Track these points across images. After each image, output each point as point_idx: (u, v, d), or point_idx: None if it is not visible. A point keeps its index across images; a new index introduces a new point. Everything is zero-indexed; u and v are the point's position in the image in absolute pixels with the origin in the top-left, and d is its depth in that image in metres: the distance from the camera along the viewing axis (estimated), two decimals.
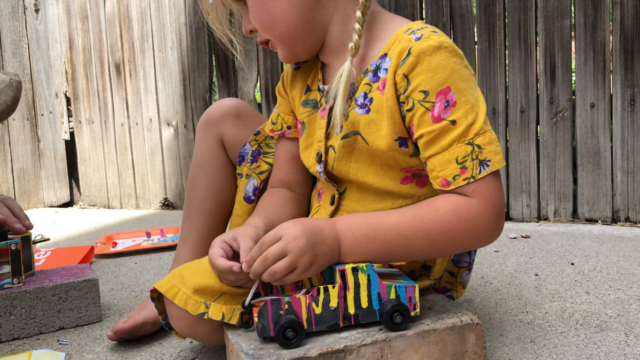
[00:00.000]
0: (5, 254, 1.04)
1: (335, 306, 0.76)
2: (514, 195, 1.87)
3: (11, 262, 1.05)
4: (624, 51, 1.68)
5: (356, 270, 0.76)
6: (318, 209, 0.96)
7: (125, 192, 2.71)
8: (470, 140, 0.76)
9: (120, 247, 1.79)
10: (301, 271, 0.74)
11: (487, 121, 0.78)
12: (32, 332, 1.07)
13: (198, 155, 1.11)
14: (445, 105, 0.77)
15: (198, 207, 1.10)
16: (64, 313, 1.10)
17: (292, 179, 1.00)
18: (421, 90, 0.77)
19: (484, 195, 0.76)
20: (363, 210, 0.88)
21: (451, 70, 0.77)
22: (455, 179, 0.77)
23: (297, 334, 0.73)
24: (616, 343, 0.89)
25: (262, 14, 0.86)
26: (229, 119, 1.08)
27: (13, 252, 1.05)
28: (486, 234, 0.78)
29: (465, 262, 0.94)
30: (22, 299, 1.06)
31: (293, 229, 0.75)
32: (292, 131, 1.00)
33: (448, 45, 0.78)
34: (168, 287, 0.81)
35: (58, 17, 2.77)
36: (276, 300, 0.74)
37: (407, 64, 0.78)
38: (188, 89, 2.46)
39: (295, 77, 0.99)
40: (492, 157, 0.77)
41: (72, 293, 1.10)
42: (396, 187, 0.86)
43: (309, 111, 0.94)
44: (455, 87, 0.77)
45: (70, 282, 1.10)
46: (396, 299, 0.76)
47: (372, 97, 0.83)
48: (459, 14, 1.89)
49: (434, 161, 0.78)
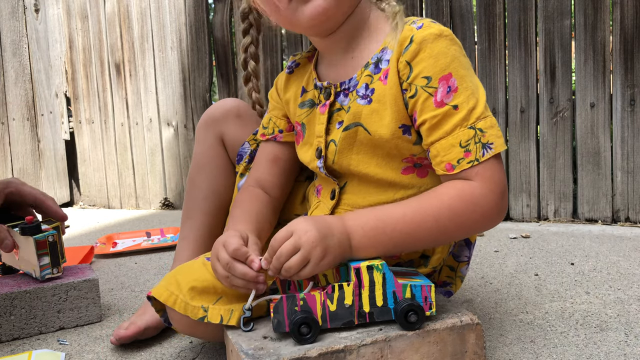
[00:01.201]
0: (44, 245, 1.06)
1: (350, 304, 0.76)
2: (514, 195, 1.87)
3: (50, 254, 1.08)
4: (624, 51, 1.68)
5: (371, 268, 0.76)
6: (317, 204, 0.95)
7: (125, 192, 2.71)
8: (472, 125, 0.78)
9: (120, 247, 1.79)
10: (314, 264, 0.74)
11: (487, 107, 0.80)
12: (32, 332, 1.07)
13: (198, 154, 1.11)
14: (447, 90, 0.78)
15: (199, 206, 1.10)
16: (64, 313, 1.10)
17: (268, 181, 1.00)
18: (424, 77, 0.79)
19: (487, 177, 0.78)
20: (364, 203, 0.88)
21: (452, 57, 0.79)
22: (459, 162, 0.78)
23: (311, 330, 0.73)
24: (616, 343, 0.89)
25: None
26: (229, 119, 1.09)
27: (51, 243, 1.07)
28: (492, 214, 0.79)
29: (465, 256, 0.95)
30: (22, 299, 1.06)
31: (303, 224, 0.75)
32: (284, 135, 1.00)
33: (448, 33, 0.80)
34: (167, 296, 0.82)
35: (58, 17, 2.77)
36: (291, 297, 0.75)
37: (409, 52, 0.80)
38: (188, 89, 2.46)
39: (289, 81, 0.99)
40: (494, 140, 0.79)
41: (72, 293, 1.10)
42: (397, 177, 0.86)
43: (307, 111, 0.94)
44: (457, 73, 0.79)
45: (70, 282, 1.10)
46: (411, 298, 0.76)
47: (374, 88, 0.84)
48: (459, 14, 1.89)
49: (437, 146, 0.79)
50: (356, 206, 0.89)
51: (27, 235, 1.06)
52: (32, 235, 1.05)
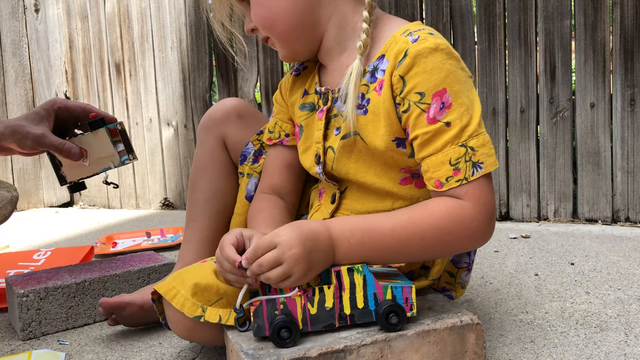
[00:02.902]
0: (116, 133, 1.11)
1: (330, 306, 0.76)
2: (514, 195, 1.87)
3: (123, 141, 1.12)
4: (624, 51, 1.68)
5: (352, 270, 0.76)
6: (319, 207, 0.95)
7: (125, 192, 2.71)
8: (463, 142, 0.77)
9: (120, 247, 1.79)
10: (296, 279, 0.73)
11: (481, 123, 0.79)
12: None
13: (199, 156, 1.11)
14: (440, 107, 0.77)
15: (201, 208, 1.10)
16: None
17: (284, 187, 1.00)
18: (417, 92, 0.78)
19: (477, 197, 0.77)
20: (363, 209, 0.88)
21: (447, 72, 0.77)
22: (448, 180, 0.77)
23: (292, 334, 0.73)
24: (616, 343, 0.89)
25: (263, 12, 0.87)
26: (230, 119, 1.08)
27: (121, 131, 1.11)
28: (478, 236, 0.78)
29: (465, 262, 0.95)
30: (113, 281, 1.15)
31: (288, 236, 0.73)
32: (290, 139, 1.00)
33: (444, 47, 0.78)
34: (167, 289, 0.81)
35: (58, 17, 2.77)
36: (271, 301, 0.74)
37: (403, 66, 0.78)
38: (188, 89, 2.46)
39: (295, 84, 0.99)
40: (485, 159, 0.77)
41: (154, 276, 1.20)
42: (395, 187, 0.86)
43: (307, 114, 0.94)
44: (451, 89, 0.77)
45: (152, 266, 1.20)
46: (392, 299, 0.76)
47: (370, 98, 0.83)
48: (459, 14, 1.89)
49: (428, 162, 0.79)
50: (356, 212, 0.89)
51: (97, 128, 1.10)
52: (102, 127, 1.09)
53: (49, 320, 1.07)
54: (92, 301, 1.12)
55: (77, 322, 1.10)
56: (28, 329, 1.05)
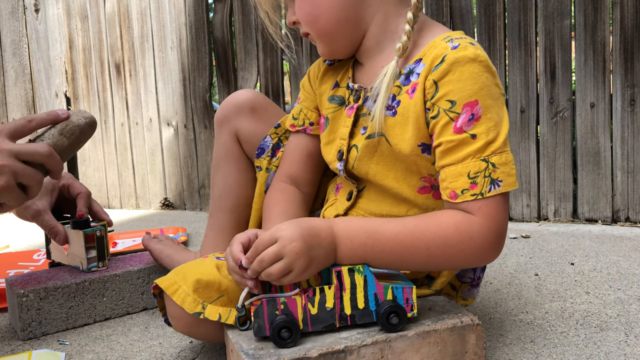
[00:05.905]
0: (92, 239, 1.12)
1: (331, 307, 0.76)
2: (514, 195, 1.87)
3: (97, 247, 1.13)
4: (624, 51, 1.68)
5: (352, 271, 0.76)
6: (334, 202, 0.95)
7: (125, 192, 2.71)
8: (486, 157, 0.76)
9: (120, 247, 1.79)
10: (297, 274, 0.73)
11: (507, 142, 0.77)
12: (121, 312, 1.15)
13: (215, 152, 1.12)
14: (469, 118, 0.76)
15: (216, 204, 1.11)
16: (147, 295, 1.18)
17: (303, 177, 0.99)
18: (448, 100, 0.77)
19: (489, 214, 0.76)
20: (378, 211, 0.88)
21: (482, 84, 0.76)
22: (463, 192, 0.76)
23: (292, 334, 0.73)
24: (616, 343, 0.89)
25: (307, 7, 0.86)
26: (243, 114, 1.07)
27: (98, 238, 1.13)
28: (485, 253, 0.77)
29: (469, 277, 0.93)
30: (113, 281, 1.14)
31: (289, 231, 0.73)
32: (313, 128, 0.99)
33: (483, 59, 0.77)
34: (169, 284, 0.81)
35: (58, 17, 2.77)
36: (272, 300, 0.74)
37: (438, 71, 0.77)
38: (188, 89, 2.46)
39: (327, 73, 0.97)
40: (504, 178, 0.76)
41: (154, 276, 1.19)
42: (413, 195, 0.85)
43: (335, 107, 0.93)
44: (483, 102, 0.76)
45: (152, 267, 1.19)
46: (393, 300, 0.76)
47: (400, 100, 0.82)
48: (459, 14, 1.89)
49: (447, 171, 0.78)
50: (370, 213, 0.88)
51: (78, 228, 1.11)
52: (82, 229, 1.11)
53: (49, 320, 1.07)
54: (92, 301, 1.12)
55: (77, 322, 1.10)
56: (28, 329, 1.05)
